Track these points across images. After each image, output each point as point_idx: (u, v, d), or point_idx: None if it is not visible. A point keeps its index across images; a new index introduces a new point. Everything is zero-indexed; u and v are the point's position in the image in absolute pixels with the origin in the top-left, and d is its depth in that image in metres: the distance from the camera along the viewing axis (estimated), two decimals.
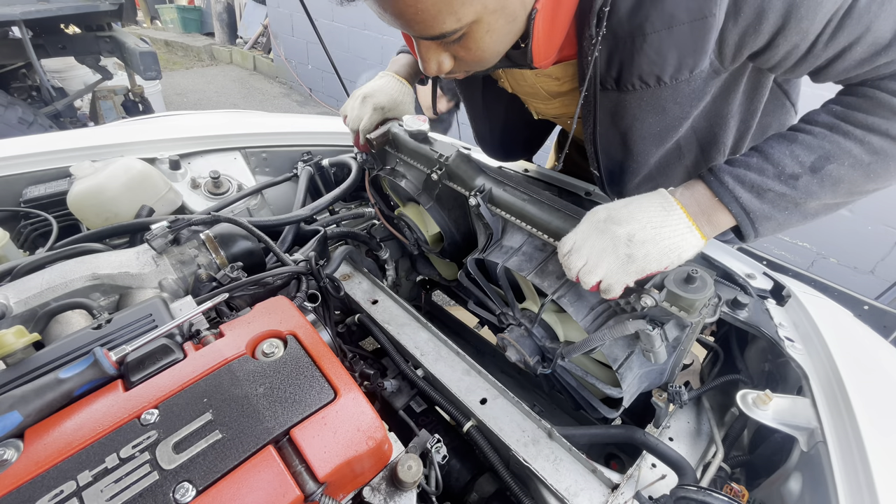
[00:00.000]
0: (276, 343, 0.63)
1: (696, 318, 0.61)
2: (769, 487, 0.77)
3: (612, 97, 0.74)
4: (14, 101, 3.08)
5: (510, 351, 0.89)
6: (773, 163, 0.65)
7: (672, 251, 0.63)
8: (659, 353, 0.67)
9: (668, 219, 0.64)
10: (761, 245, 2.78)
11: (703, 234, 0.65)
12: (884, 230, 2.36)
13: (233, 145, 1.42)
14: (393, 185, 1.15)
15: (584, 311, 0.72)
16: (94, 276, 0.80)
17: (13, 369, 0.59)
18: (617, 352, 0.72)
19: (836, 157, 0.63)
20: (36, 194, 1.12)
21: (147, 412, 0.53)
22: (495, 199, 0.87)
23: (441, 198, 0.98)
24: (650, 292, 0.63)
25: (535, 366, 0.86)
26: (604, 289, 0.65)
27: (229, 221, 0.94)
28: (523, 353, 0.85)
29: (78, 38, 3.61)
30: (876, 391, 0.73)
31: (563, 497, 0.72)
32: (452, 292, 1.40)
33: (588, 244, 0.65)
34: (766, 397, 0.73)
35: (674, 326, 0.65)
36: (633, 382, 0.75)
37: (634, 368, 0.74)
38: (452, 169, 0.91)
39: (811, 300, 0.94)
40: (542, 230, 0.80)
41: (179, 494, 0.46)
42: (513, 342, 0.86)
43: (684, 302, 0.61)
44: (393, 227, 1.22)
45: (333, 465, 0.51)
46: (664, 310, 0.63)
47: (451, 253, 1.06)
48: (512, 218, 0.84)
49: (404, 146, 1.02)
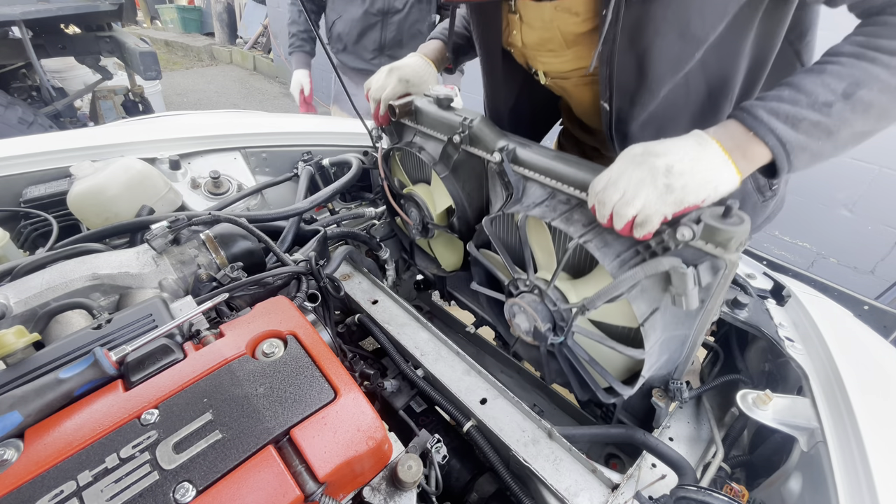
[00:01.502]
0: (276, 343, 0.63)
1: (732, 256, 0.60)
2: (769, 487, 0.77)
3: (636, 11, 0.74)
4: (14, 101, 3.08)
5: (519, 318, 0.86)
6: (805, 93, 0.65)
7: (709, 183, 0.63)
8: (691, 297, 0.63)
9: (704, 152, 0.64)
10: (761, 245, 2.78)
11: (739, 170, 0.65)
12: (884, 230, 2.36)
13: (233, 145, 1.42)
14: (405, 162, 1.15)
15: (610, 257, 0.69)
16: (94, 276, 0.80)
17: (13, 369, 0.59)
18: (643, 305, 0.68)
19: (865, 83, 0.64)
20: (36, 194, 1.12)
21: (147, 412, 0.53)
22: (519, 158, 0.85)
23: (457, 169, 0.98)
24: (688, 224, 0.61)
25: (546, 334, 0.82)
26: (640, 221, 0.63)
27: (229, 221, 0.94)
28: (535, 319, 0.82)
29: (78, 38, 3.61)
30: (876, 391, 0.73)
31: (563, 497, 0.72)
32: (450, 295, 1.39)
33: (625, 176, 0.64)
34: (766, 397, 0.73)
35: (707, 269, 0.62)
36: (654, 346, 0.71)
37: (658, 329, 0.71)
38: (476, 132, 0.90)
39: (811, 300, 0.94)
40: (568, 183, 0.77)
41: (179, 494, 0.46)
42: (525, 306, 0.83)
43: (722, 236, 0.59)
44: (399, 208, 1.20)
45: (333, 465, 0.51)
46: (698, 250, 0.62)
47: (460, 228, 1.04)
48: (535, 175, 0.82)
49: (426, 116, 1.02)
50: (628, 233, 0.65)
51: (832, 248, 2.58)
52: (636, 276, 0.65)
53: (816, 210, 2.50)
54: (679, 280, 0.63)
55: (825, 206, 2.47)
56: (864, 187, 2.31)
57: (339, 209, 1.47)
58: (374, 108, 1.08)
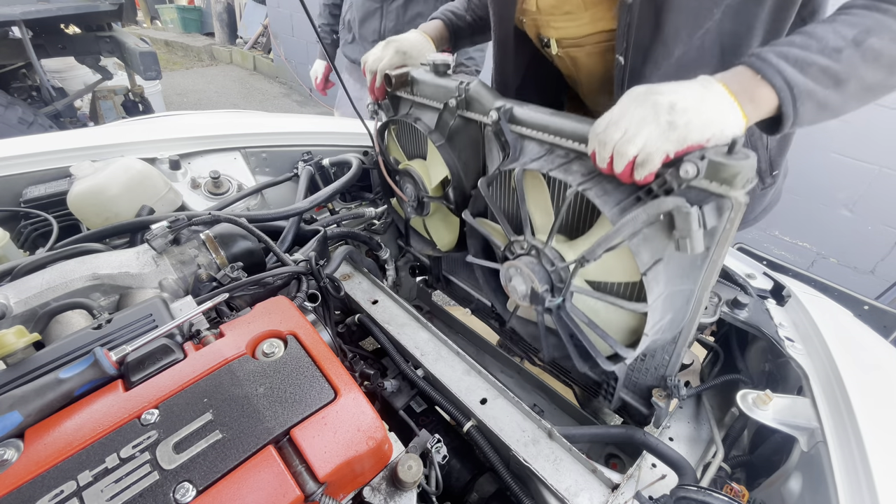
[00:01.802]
0: (276, 343, 0.63)
1: (738, 194, 0.58)
2: (769, 487, 0.77)
3: None
4: (14, 101, 3.08)
5: (516, 281, 0.84)
6: (816, 38, 0.65)
7: (714, 123, 0.61)
8: (696, 240, 0.60)
9: (709, 93, 0.63)
10: (761, 245, 2.78)
11: (745, 114, 0.64)
12: (884, 230, 2.36)
13: (233, 145, 1.42)
14: (401, 137, 1.15)
15: (611, 204, 0.67)
16: (94, 276, 0.80)
17: (13, 369, 0.59)
18: (645, 255, 0.65)
19: (876, 32, 0.64)
20: (36, 194, 1.12)
21: (147, 412, 0.53)
22: (516, 117, 0.83)
23: (453, 137, 0.96)
24: (692, 160, 0.59)
25: (544, 295, 0.79)
26: (641, 161, 0.62)
27: (229, 221, 0.94)
28: (533, 279, 0.79)
29: (78, 38, 3.61)
30: (876, 391, 0.73)
31: (564, 497, 0.72)
32: (446, 280, 1.36)
33: (627, 115, 0.63)
34: (766, 397, 0.73)
35: (712, 210, 0.60)
36: (658, 301, 0.68)
37: (661, 282, 0.67)
38: (472, 95, 0.89)
39: (811, 300, 0.94)
40: (567, 137, 0.76)
41: (180, 494, 0.46)
42: (522, 267, 0.81)
43: (727, 172, 0.57)
44: (394, 184, 1.18)
45: (334, 465, 0.51)
46: (703, 191, 0.61)
47: (456, 198, 1.03)
48: (533, 132, 0.81)
49: (422, 85, 1.01)
50: (629, 176, 0.64)
51: (832, 248, 2.59)
52: (638, 219, 0.62)
53: (816, 210, 2.50)
54: (683, 221, 0.60)
55: (825, 206, 2.48)
56: (864, 187, 2.31)
57: (339, 209, 1.47)
58: (370, 80, 1.07)
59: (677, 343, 0.81)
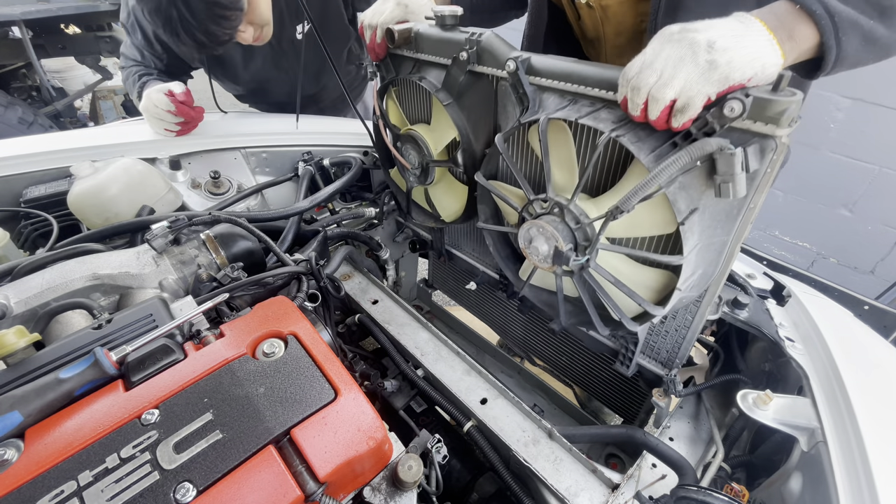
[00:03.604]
0: (276, 343, 0.63)
1: (783, 132, 0.55)
2: (769, 487, 0.77)
3: None
4: (14, 101, 3.08)
5: (537, 242, 0.79)
6: None
7: (756, 60, 0.56)
8: (739, 183, 0.57)
9: (747, 30, 0.58)
10: (761, 245, 2.78)
11: (784, 52, 0.59)
12: (884, 230, 2.36)
13: (233, 145, 1.42)
14: (403, 100, 1.08)
15: (646, 151, 0.62)
16: (94, 276, 0.80)
17: (13, 369, 0.59)
18: (682, 203, 0.61)
19: None
20: (36, 194, 1.12)
21: (147, 412, 0.53)
22: (534, 67, 0.77)
23: (462, 95, 0.90)
24: (737, 97, 0.55)
25: (568, 254, 0.75)
26: (680, 106, 0.57)
27: (229, 221, 0.94)
28: (556, 238, 0.75)
29: (78, 38, 3.62)
30: (876, 391, 0.73)
31: (564, 497, 0.72)
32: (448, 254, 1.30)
33: (662, 56, 0.58)
34: (767, 397, 0.73)
35: (755, 153, 0.57)
36: (692, 253, 0.64)
37: (696, 232, 0.64)
38: (484, 47, 0.83)
39: (811, 300, 0.94)
40: (592, 85, 0.70)
41: (180, 494, 0.46)
42: (545, 226, 0.76)
43: (774, 109, 0.54)
44: (396, 151, 1.10)
45: (334, 465, 0.51)
46: (745, 132, 0.57)
47: (465, 161, 0.96)
48: (554, 83, 0.75)
49: (427, 40, 0.94)
50: (664, 122, 0.59)
51: (832, 248, 2.58)
52: (678, 163, 0.57)
53: (816, 210, 2.50)
54: (726, 164, 0.56)
55: (825, 206, 2.47)
56: (864, 187, 2.31)
57: (340, 209, 1.47)
58: (369, 37, 0.99)
59: (702, 302, 0.77)
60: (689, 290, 0.71)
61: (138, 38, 1.49)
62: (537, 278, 0.93)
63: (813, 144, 2.35)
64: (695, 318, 0.81)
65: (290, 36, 1.58)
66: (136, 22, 1.47)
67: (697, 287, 0.73)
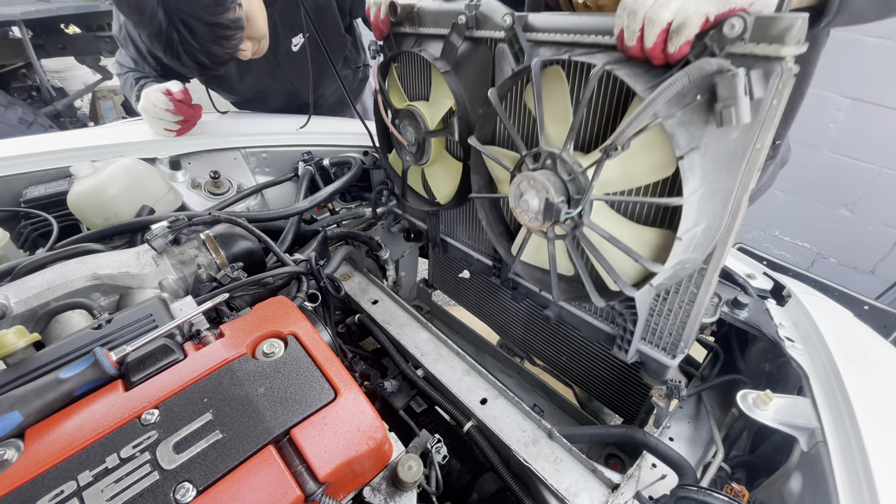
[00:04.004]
0: (276, 343, 0.63)
1: (789, 50, 0.52)
2: (769, 487, 0.77)
3: None
4: (14, 101, 3.08)
5: (528, 195, 0.76)
6: None
7: None
8: (742, 108, 0.54)
9: None
10: (761, 245, 2.78)
11: None
12: (884, 230, 2.36)
13: (233, 145, 1.42)
14: (404, 77, 1.09)
15: (642, 84, 0.60)
16: (94, 276, 0.80)
17: (13, 369, 0.59)
18: (681, 138, 0.57)
19: None
20: (36, 194, 1.12)
21: (147, 412, 0.53)
22: (531, 24, 0.76)
23: (460, 65, 0.91)
24: (738, 15, 0.52)
25: (560, 206, 0.72)
26: (676, 26, 0.55)
27: (229, 221, 0.94)
28: (548, 189, 0.72)
29: (78, 38, 3.62)
30: (876, 391, 0.73)
31: (564, 497, 0.72)
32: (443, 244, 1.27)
33: None
34: (767, 397, 0.73)
35: (759, 77, 0.54)
36: (694, 197, 0.61)
37: (697, 174, 0.60)
38: (484, 12, 0.83)
39: (811, 300, 0.94)
40: (588, 32, 0.68)
41: (180, 494, 0.46)
42: (536, 177, 0.73)
43: (778, 27, 0.51)
44: (394, 128, 1.10)
45: (334, 465, 0.51)
46: (747, 56, 0.54)
47: (461, 130, 0.95)
48: (551, 35, 0.74)
49: (427, 14, 0.95)
50: (660, 52, 0.57)
51: (832, 248, 2.58)
52: (678, 83, 0.54)
53: (816, 210, 2.50)
54: (727, 86, 0.54)
55: (825, 206, 2.47)
56: (864, 187, 2.31)
57: (340, 209, 1.47)
58: (373, 14, 0.99)
59: (707, 270, 0.72)
60: (692, 246, 0.67)
61: (131, 51, 1.50)
62: (530, 255, 0.91)
63: (813, 144, 2.35)
64: (700, 291, 0.74)
65: (286, 48, 1.60)
66: (127, 36, 1.48)
67: (702, 246, 0.69)
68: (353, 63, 1.97)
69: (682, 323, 0.79)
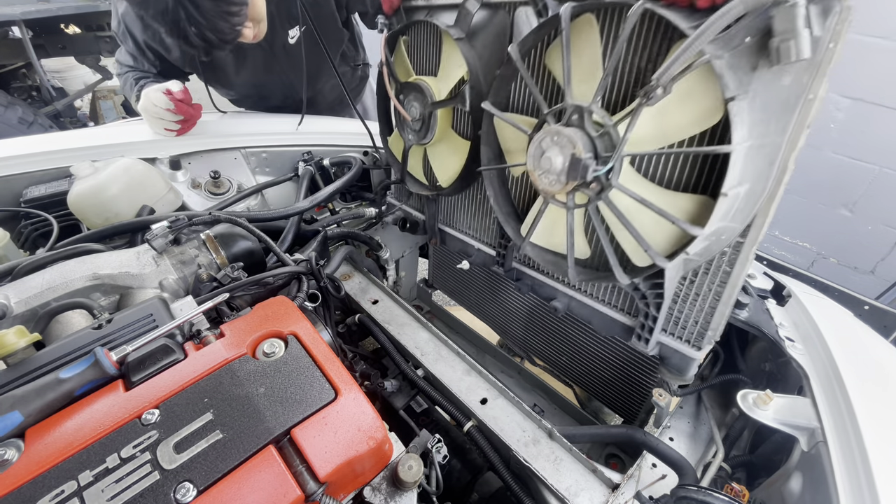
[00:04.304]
0: (276, 343, 0.63)
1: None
2: (770, 487, 0.77)
3: None
4: (14, 101, 3.08)
5: (551, 153, 0.69)
6: None
7: None
8: (802, 41, 0.50)
9: None
10: (761, 245, 2.77)
11: None
12: (884, 230, 2.36)
13: (233, 145, 1.42)
14: (413, 52, 1.06)
15: (688, 22, 0.55)
16: (94, 276, 0.80)
17: (14, 369, 0.59)
18: (730, 82, 0.52)
19: None
20: (36, 194, 1.12)
21: (148, 412, 0.53)
22: None
23: (474, 35, 0.87)
24: None
25: (588, 162, 0.66)
26: None
27: (229, 221, 0.94)
28: (574, 143, 0.66)
29: (78, 38, 3.62)
30: (876, 391, 0.73)
31: (564, 497, 0.72)
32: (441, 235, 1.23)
33: None
34: (767, 397, 0.73)
35: (818, 14, 0.50)
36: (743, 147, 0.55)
37: (746, 121, 0.55)
38: None
39: (811, 300, 0.94)
40: None
41: (180, 494, 0.46)
42: (562, 130, 0.67)
43: None
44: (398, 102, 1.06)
45: (334, 465, 0.51)
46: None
47: (473, 100, 0.91)
48: None
49: None
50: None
51: (832, 248, 2.58)
52: (732, 12, 0.49)
53: (816, 210, 2.50)
54: (786, 18, 0.50)
55: (825, 206, 2.47)
56: (864, 187, 2.31)
57: (340, 209, 1.47)
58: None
59: (744, 243, 0.66)
60: (733, 211, 0.60)
61: (130, 46, 1.50)
62: (541, 236, 0.86)
63: (813, 144, 2.35)
64: (734, 270, 0.67)
65: (282, 41, 1.59)
66: (126, 30, 1.48)
67: (742, 213, 0.62)
68: (352, 60, 1.96)
69: (711, 308, 0.73)
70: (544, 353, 1.30)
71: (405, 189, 1.21)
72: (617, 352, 1.08)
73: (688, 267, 0.72)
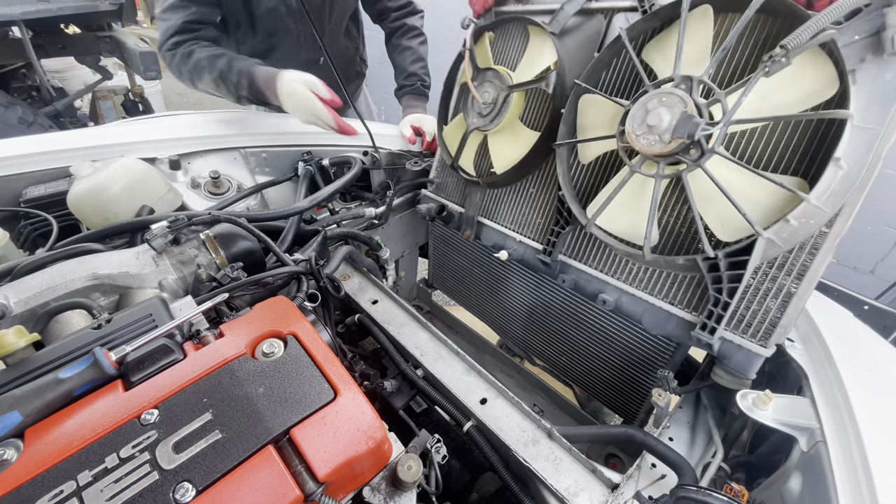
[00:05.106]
0: (276, 343, 0.63)
1: None
2: (769, 487, 0.77)
3: None
4: (14, 101, 3.08)
5: (659, 111, 0.71)
6: None
7: None
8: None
9: None
10: None
11: None
12: (884, 230, 2.36)
13: (233, 145, 1.42)
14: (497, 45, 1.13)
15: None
16: (94, 276, 0.80)
17: (13, 369, 0.59)
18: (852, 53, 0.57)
19: None
20: (36, 194, 1.12)
21: (147, 412, 0.53)
22: None
23: (567, 33, 0.94)
24: None
25: (698, 120, 0.67)
26: None
27: (229, 221, 0.94)
28: (685, 102, 0.68)
29: (78, 38, 3.62)
30: (876, 391, 0.73)
31: (563, 497, 0.72)
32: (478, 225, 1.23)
33: None
34: (766, 397, 0.73)
35: None
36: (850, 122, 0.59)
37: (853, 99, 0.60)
38: None
39: (811, 300, 0.94)
40: None
41: (179, 494, 0.46)
42: (674, 90, 0.70)
43: None
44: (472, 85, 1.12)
45: (333, 465, 0.51)
46: None
47: (556, 87, 0.96)
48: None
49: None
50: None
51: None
52: None
53: None
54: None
55: None
56: None
57: (339, 209, 1.46)
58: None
59: (829, 233, 0.65)
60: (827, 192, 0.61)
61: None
62: (607, 219, 0.87)
63: None
64: (815, 261, 0.65)
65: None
66: None
67: (836, 196, 0.62)
68: (354, 42, 1.97)
69: (784, 302, 0.69)
70: (544, 353, 1.30)
71: (444, 183, 1.27)
72: (617, 352, 1.08)
73: (768, 254, 0.71)
